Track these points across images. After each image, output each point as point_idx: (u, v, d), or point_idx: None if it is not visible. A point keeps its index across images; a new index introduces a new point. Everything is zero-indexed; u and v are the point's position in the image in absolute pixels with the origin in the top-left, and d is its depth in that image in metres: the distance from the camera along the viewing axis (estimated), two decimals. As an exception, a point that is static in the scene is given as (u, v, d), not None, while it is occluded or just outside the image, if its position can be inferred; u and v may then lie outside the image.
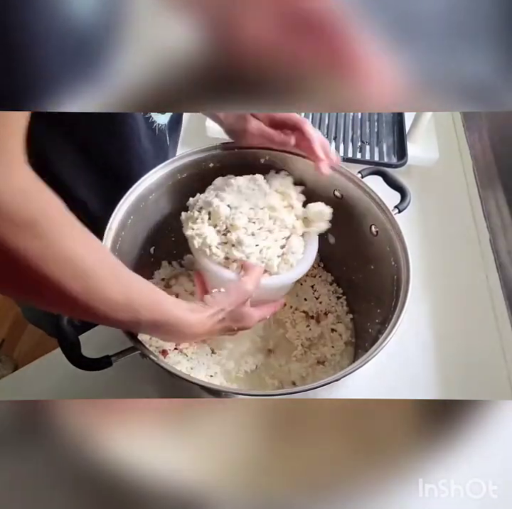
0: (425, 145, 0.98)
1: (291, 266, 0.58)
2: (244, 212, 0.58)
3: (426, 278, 0.83)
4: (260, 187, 0.60)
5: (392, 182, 0.65)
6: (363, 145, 0.96)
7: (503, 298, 0.77)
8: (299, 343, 0.70)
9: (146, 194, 0.62)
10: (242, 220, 0.57)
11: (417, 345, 0.75)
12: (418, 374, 0.72)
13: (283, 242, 0.59)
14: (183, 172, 0.65)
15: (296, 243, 0.59)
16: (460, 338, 0.76)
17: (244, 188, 0.59)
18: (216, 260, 0.57)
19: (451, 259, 0.86)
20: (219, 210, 0.57)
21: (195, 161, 0.65)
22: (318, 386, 0.47)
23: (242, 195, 0.59)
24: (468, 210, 0.94)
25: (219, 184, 0.62)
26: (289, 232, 0.59)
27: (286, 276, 0.58)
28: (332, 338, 0.71)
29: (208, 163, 0.66)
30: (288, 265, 0.58)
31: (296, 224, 0.60)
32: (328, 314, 0.73)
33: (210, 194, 0.60)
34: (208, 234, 0.57)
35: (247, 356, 0.68)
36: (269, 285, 0.57)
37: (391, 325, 0.52)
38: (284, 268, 0.58)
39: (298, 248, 0.59)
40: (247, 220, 0.57)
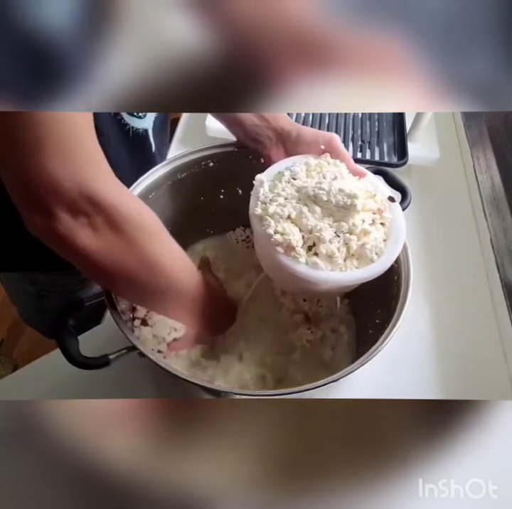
0: (426, 144, 0.98)
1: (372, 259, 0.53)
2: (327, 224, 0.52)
3: (426, 278, 0.83)
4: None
5: (393, 181, 0.65)
6: (363, 144, 0.96)
7: (503, 298, 0.77)
8: (300, 345, 0.69)
9: (145, 193, 0.62)
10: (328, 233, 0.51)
11: (418, 345, 0.75)
12: (418, 374, 0.72)
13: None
14: (182, 171, 0.65)
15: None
16: (460, 338, 0.76)
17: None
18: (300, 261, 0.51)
19: (452, 258, 0.86)
20: (307, 223, 0.51)
21: (195, 160, 0.65)
22: (317, 386, 0.47)
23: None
24: (469, 210, 0.93)
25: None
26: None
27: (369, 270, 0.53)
28: (333, 340, 0.70)
29: (208, 163, 0.66)
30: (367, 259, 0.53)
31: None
32: (329, 315, 0.72)
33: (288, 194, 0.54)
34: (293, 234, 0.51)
35: (247, 358, 0.67)
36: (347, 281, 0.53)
37: (391, 325, 0.52)
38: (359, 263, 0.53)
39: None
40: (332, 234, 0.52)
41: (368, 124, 1.01)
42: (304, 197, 0.52)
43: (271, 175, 0.56)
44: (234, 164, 0.65)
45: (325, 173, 0.54)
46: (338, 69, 0.29)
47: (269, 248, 0.52)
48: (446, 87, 0.29)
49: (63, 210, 0.38)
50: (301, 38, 0.28)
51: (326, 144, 0.57)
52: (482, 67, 0.29)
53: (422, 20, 0.28)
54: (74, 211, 0.39)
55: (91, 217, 0.40)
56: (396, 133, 0.99)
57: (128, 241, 0.43)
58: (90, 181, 0.39)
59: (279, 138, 0.60)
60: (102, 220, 0.40)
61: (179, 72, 0.27)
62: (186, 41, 0.27)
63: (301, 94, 0.30)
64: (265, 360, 0.68)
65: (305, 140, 0.58)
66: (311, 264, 0.51)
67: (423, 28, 0.28)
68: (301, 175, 0.55)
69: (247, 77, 0.28)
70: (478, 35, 0.28)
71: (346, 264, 0.52)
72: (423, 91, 0.30)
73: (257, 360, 0.68)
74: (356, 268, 0.52)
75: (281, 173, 0.56)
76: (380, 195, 0.55)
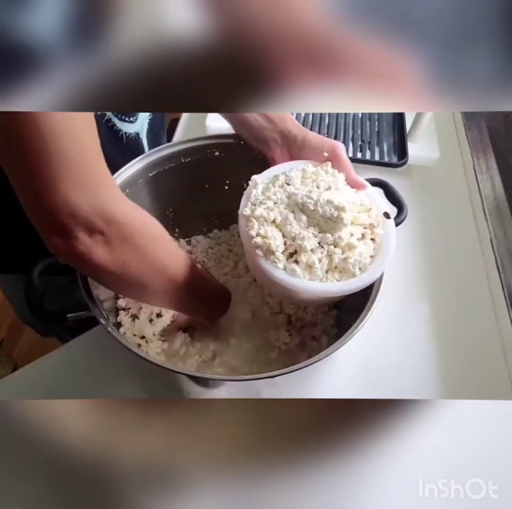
0: (426, 144, 0.98)
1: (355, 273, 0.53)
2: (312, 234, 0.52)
3: (426, 277, 0.83)
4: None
5: (391, 195, 0.64)
6: (363, 144, 0.96)
7: (503, 298, 0.77)
8: (277, 345, 0.67)
9: (146, 169, 0.64)
10: (311, 242, 0.51)
11: (417, 345, 0.75)
12: (418, 374, 0.72)
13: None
14: (187, 156, 0.65)
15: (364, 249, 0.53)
16: (460, 338, 0.76)
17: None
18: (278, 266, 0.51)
19: (452, 258, 0.86)
20: (291, 230, 0.51)
21: (200, 146, 0.66)
22: (300, 368, 0.48)
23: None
24: (469, 210, 0.93)
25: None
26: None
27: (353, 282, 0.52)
28: (312, 348, 0.68)
29: (213, 151, 0.66)
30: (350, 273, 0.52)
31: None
32: (314, 324, 0.70)
33: (278, 198, 0.54)
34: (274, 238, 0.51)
35: (221, 349, 0.67)
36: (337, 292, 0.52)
37: (366, 309, 0.52)
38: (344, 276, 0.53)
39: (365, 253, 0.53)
40: (316, 244, 0.51)
41: (368, 124, 1.01)
42: (293, 203, 0.53)
43: (267, 178, 0.56)
44: (239, 155, 0.65)
45: (319, 182, 0.54)
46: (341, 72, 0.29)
47: (250, 250, 0.52)
48: (446, 87, 0.29)
49: (81, 230, 0.43)
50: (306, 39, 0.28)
51: (329, 152, 0.57)
52: (482, 66, 0.29)
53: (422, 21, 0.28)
54: (90, 230, 0.43)
55: (105, 233, 0.44)
56: (396, 133, 0.99)
57: (137, 250, 0.47)
58: (103, 201, 0.43)
59: (284, 141, 0.60)
60: (115, 235, 0.45)
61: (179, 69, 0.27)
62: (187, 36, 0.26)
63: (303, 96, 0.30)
64: (244, 355, 0.67)
65: (310, 145, 0.58)
66: (289, 271, 0.51)
67: (423, 29, 0.28)
68: (295, 181, 0.55)
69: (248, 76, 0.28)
70: (478, 34, 0.28)
71: (327, 275, 0.52)
72: (423, 91, 0.30)
73: (236, 351, 0.67)
74: (337, 280, 0.52)
75: (277, 177, 0.56)
76: (375, 210, 0.55)
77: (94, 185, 0.42)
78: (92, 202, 0.42)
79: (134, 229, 0.46)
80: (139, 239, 0.47)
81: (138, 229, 0.47)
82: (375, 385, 0.69)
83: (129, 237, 0.46)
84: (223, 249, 0.79)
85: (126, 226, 0.45)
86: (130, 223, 0.46)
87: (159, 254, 0.51)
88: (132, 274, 0.48)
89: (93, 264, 0.45)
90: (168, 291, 0.54)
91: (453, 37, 0.28)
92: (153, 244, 0.49)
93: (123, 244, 0.46)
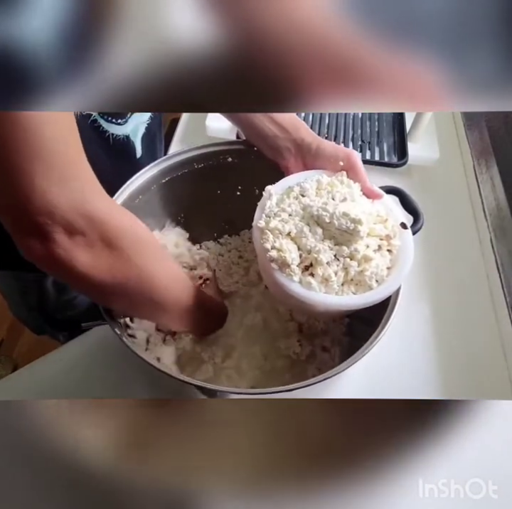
0: (426, 144, 0.98)
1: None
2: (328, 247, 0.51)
3: (426, 277, 0.83)
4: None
5: (406, 203, 0.63)
6: (363, 144, 0.96)
7: (503, 298, 0.77)
8: (286, 354, 0.66)
9: (159, 176, 0.64)
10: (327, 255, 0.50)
11: (418, 345, 0.75)
12: (418, 374, 0.72)
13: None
14: (200, 162, 0.65)
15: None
16: (460, 338, 0.76)
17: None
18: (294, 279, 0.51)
19: (452, 259, 0.86)
20: (307, 243, 0.51)
21: (213, 153, 0.66)
22: (309, 384, 0.47)
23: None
24: (469, 210, 0.93)
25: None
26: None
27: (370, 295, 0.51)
28: (322, 360, 0.67)
29: (226, 157, 0.66)
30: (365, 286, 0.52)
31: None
32: (325, 332, 0.69)
33: (292, 209, 0.53)
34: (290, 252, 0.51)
35: (234, 355, 0.66)
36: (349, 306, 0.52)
37: (380, 327, 0.52)
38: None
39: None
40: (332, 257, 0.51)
41: (368, 124, 1.00)
42: (308, 216, 0.52)
43: (281, 188, 0.56)
44: (252, 162, 0.65)
45: (335, 193, 0.53)
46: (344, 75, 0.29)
47: (265, 262, 0.51)
48: (446, 87, 0.29)
49: (59, 231, 0.38)
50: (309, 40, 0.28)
51: (344, 161, 0.56)
52: (482, 67, 0.29)
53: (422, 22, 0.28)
54: (70, 231, 0.39)
55: (86, 235, 0.39)
56: (396, 133, 0.99)
57: (123, 256, 0.43)
58: (84, 199, 0.39)
59: (298, 151, 0.59)
60: (98, 237, 0.40)
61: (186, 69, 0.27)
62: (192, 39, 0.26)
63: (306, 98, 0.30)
64: (253, 363, 0.66)
65: (324, 154, 0.57)
66: (305, 284, 0.50)
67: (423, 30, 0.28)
68: (310, 192, 0.54)
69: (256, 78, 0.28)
70: (478, 35, 0.28)
71: (343, 288, 0.51)
72: (423, 91, 0.30)
73: (243, 359, 0.66)
74: (353, 293, 0.51)
75: (291, 188, 0.55)
76: (391, 221, 0.54)
77: (74, 181, 0.38)
78: (71, 198, 0.38)
79: (119, 231, 0.42)
80: (124, 242, 0.42)
81: (124, 230, 0.43)
82: (375, 385, 0.69)
83: (114, 239, 0.41)
84: (233, 256, 0.77)
85: (110, 226, 0.41)
86: (115, 223, 0.41)
87: (150, 264, 0.46)
88: (118, 281, 0.43)
89: (73, 270, 0.40)
90: (157, 306, 0.50)
91: (453, 37, 0.28)
92: (142, 251, 0.45)
93: (107, 248, 0.41)
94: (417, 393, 0.70)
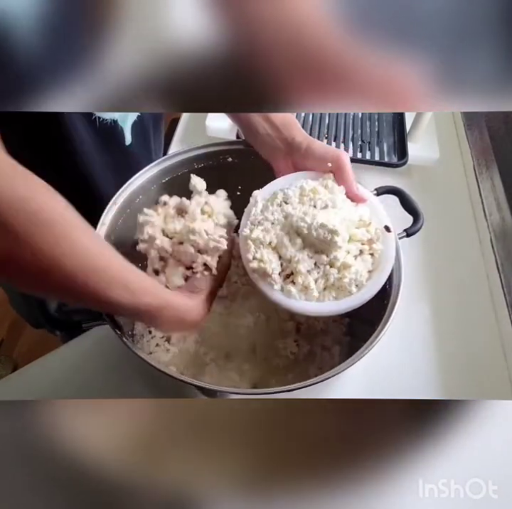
0: (426, 144, 0.98)
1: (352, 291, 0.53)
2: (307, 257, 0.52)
3: (426, 277, 0.83)
4: None
5: (406, 203, 0.63)
6: (363, 144, 0.96)
7: (503, 298, 0.77)
8: (284, 354, 0.66)
9: (159, 176, 0.64)
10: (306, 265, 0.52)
11: (418, 345, 0.75)
12: (418, 374, 0.72)
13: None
14: (200, 162, 0.65)
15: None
16: (460, 338, 0.76)
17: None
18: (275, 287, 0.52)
19: (452, 259, 0.86)
20: (287, 252, 0.52)
21: (214, 153, 0.66)
22: (309, 384, 0.47)
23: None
24: (469, 210, 0.93)
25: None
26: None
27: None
28: (322, 359, 0.67)
29: (226, 157, 0.66)
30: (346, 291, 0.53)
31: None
32: (325, 332, 0.69)
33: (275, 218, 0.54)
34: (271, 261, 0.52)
35: (233, 355, 0.66)
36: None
37: (380, 326, 0.52)
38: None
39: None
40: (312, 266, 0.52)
41: (368, 124, 1.00)
42: (289, 225, 0.53)
43: (268, 193, 0.57)
44: (252, 162, 0.64)
45: (316, 200, 0.54)
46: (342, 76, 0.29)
47: (249, 271, 0.54)
48: (446, 87, 0.29)
49: None
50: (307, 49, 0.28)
51: (333, 162, 0.55)
52: (482, 67, 0.29)
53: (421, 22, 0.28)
54: None
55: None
56: (396, 133, 0.99)
57: (18, 235, 0.36)
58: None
59: (288, 150, 0.58)
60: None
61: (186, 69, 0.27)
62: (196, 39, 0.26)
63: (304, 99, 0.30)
64: (248, 359, 0.66)
65: (314, 154, 0.57)
66: (285, 292, 0.52)
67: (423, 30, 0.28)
68: (293, 200, 0.55)
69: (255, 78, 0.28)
70: (478, 35, 0.28)
71: (325, 293, 0.52)
72: (423, 91, 0.30)
73: (240, 358, 0.66)
74: (335, 298, 0.52)
75: (275, 195, 0.56)
76: (375, 224, 0.55)
77: None
78: None
79: (11, 206, 0.35)
80: (22, 222, 0.35)
81: (17, 207, 0.35)
82: (375, 385, 0.69)
83: (5, 215, 0.34)
84: (232, 256, 0.77)
85: (1, 201, 0.34)
86: (9, 196, 0.35)
87: (84, 241, 0.40)
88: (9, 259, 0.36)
89: None
90: (100, 287, 0.42)
91: (453, 37, 0.28)
92: (49, 233, 0.37)
93: (2, 228, 0.35)
94: (417, 393, 0.70)
